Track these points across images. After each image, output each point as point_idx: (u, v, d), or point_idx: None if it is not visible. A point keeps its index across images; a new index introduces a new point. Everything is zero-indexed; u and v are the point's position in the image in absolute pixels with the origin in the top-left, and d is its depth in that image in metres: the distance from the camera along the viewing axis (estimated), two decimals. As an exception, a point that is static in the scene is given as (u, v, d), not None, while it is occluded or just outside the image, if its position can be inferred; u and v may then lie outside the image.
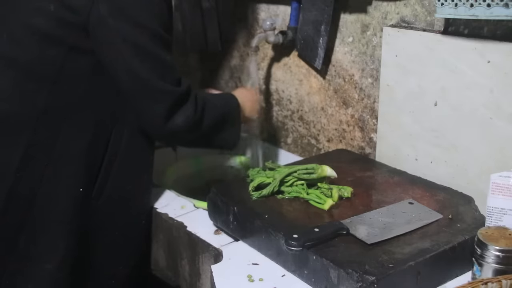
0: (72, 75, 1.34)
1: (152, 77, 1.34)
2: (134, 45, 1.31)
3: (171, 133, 1.39)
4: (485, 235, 1.10)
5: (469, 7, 1.21)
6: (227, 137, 1.53)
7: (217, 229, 1.40)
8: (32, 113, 1.34)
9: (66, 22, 1.31)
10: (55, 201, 1.37)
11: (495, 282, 0.98)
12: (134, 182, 1.47)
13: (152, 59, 1.34)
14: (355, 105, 1.68)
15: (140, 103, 1.38)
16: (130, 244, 1.51)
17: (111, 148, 1.41)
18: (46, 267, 1.38)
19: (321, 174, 1.34)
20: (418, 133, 1.48)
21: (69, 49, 1.32)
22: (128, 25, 1.30)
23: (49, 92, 1.33)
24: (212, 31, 1.99)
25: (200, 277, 1.40)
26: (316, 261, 1.11)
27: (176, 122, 1.37)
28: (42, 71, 1.33)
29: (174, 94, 1.37)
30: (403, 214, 1.25)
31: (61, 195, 1.37)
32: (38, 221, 1.37)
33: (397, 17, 1.51)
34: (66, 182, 1.37)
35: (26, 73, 1.34)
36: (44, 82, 1.33)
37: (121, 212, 1.46)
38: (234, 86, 2.09)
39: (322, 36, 1.65)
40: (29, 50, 1.34)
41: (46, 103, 1.34)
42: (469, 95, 1.35)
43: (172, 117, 1.37)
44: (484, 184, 1.25)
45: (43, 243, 1.38)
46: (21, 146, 1.34)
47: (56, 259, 1.38)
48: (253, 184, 1.34)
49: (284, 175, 1.34)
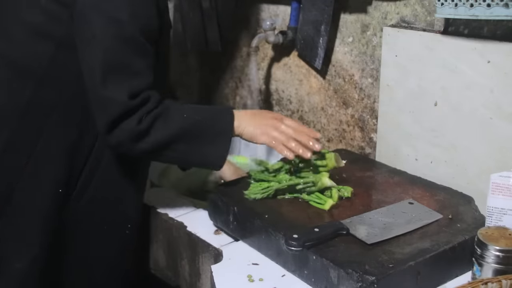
0: (60, 73, 1.31)
1: (109, 81, 1.23)
2: (102, 42, 1.23)
3: (114, 145, 1.29)
4: (485, 235, 1.10)
5: (469, 7, 1.21)
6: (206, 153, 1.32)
7: (217, 229, 1.39)
8: (15, 109, 1.31)
9: (55, 15, 1.28)
10: (32, 199, 1.33)
11: (495, 282, 0.98)
12: (118, 188, 1.41)
13: (115, 62, 1.24)
14: (355, 105, 1.68)
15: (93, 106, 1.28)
16: (109, 251, 1.45)
17: (96, 149, 1.35)
18: (16, 266, 1.34)
19: (321, 186, 1.33)
20: (418, 133, 1.48)
21: (59, 45, 1.29)
22: (102, 20, 1.23)
23: (35, 88, 1.30)
24: (212, 31, 1.99)
25: (200, 277, 1.40)
26: (316, 261, 1.11)
27: (116, 134, 1.25)
28: (30, 67, 1.31)
29: (122, 105, 1.23)
30: (403, 214, 1.25)
31: (39, 193, 1.33)
32: (12, 218, 1.33)
33: (397, 17, 1.51)
34: (46, 180, 1.33)
35: (14, 67, 1.32)
36: (31, 78, 1.30)
37: (103, 217, 1.41)
38: (234, 86, 2.10)
39: (322, 36, 1.65)
40: (19, 45, 1.31)
41: (31, 100, 1.31)
42: (469, 95, 1.35)
43: (114, 129, 1.25)
44: (484, 184, 1.25)
45: (15, 241, 1.34)
46: (2, 141, 1.31)
47: (27, 259, 1.34)
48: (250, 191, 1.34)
49: (282, 187, 1.33)
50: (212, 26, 1.98)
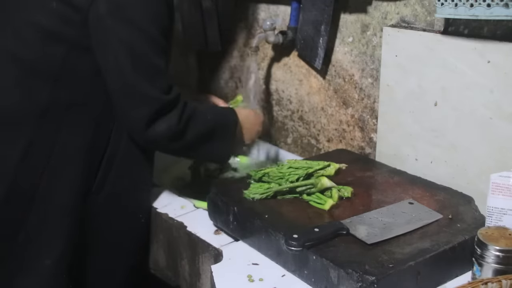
0: (74, 73, 1.34)
1: (141, 80, 1.32)
2: (129, 46, 1.30)
3: (151, 140, 1.37)
4: (485, 235, 1.10)
5: (469, 7, 1.21)
6: (216, 151, 1.48)
7: (217, 229, 1.40)
8: (33, 111, 1.34)
9: (67, 19, 1.31)
10: (55, 197, 1.37)
11: (495, 282, 0.98)
12: (133, 179, 1.48)
13: (144, 63, 1.32)
14: (355, 105, 1.68)
15: (124, 105, 1.36)
16: (128, 241, 1.52)
17: (111, 145, 1.41)
18: (46, 263, 1.38)
19: (321, 187, 1.33)
20: (418, 133, 1.48)
21: (71, 46, 1.32)
22: (125, 26, 1.30)
23: (51, 90, 1.34)
24: (212, 31, 1.99)
25: (200, 277, 1.40)
26: (316, 261, 1.11)
27: (157, 130, 1.34)
28: (44, 68, 1.34)
29: (160, 101, 1.34)
30: (403, 214, 1.25)
31: (61, 191, 1.37)
32: (37, 216, 1.37)
33: (397, 17, 1.51)
34: (67, 178, 1.37)
35: (29, 70, 1.35)
36: (46, 80, 1.34)
37: (120, 209, 1.47)
38: (234, 86, 2.10)
39: (322, 36, 1.65)
40: (32, 48, 1.34)
41: (48, 101, 1.34)
42: (469, 95, 1.35)
43: (154, 124, 1.34)
44: (484, 184, 1.25)
45: (42, 239, 1.38)
46: (22, 142, 1.34)
47: (56, 255, 1.38)
48: (250, 191, 1.34)
49: (282, 189, 1.34)
50: (212, 26, 1.98)
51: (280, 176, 1.36)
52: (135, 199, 1.50)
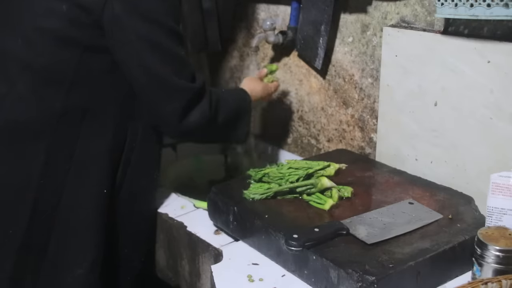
0: (88, 75, 1.33)
1: (169, 74, 1.32)
2: (149, 42, 1.30)
3: (187, 131, 1.38)
4: (485, 235, 1.10)
5: (469, 7, 1.21)
6: (239, 131, 1.52)
7: (217, 229, 1.40)
8: (50, 118, 1.32)
9: (79, 22, 1.29)
10: (79, 203, 1.36)
11: (495, 282, 0.98)
12: (147, 177, 1.48)
13: (167, 56, 1.33)
14: (355, 105, 1.68)
15: (154, 101, 1.36)
16: (143, 238, 1.52)
17: (128, 145, 1.40)
18: (78, 272, 1.36)
19: (321, 187, 1.33)
20: (418, 133, 1.48)
21: (84, 49, 1.31)
22: (143, 22, 1.29)
23: (66, 94, 1.32)
24: (212, 31, 1.99)
25: (200, 277, 1.40)
26: (316, 261, 1.11)
27: (191, 120, 1.36)
28: (58, 73, 1.32)
29: (190, 91, 1.35)
30: (403, 214, 1.25)
31: (84, 197, 1.36)
32: (65, 226, 1.35)
33: (397, 17, 1.51)
34: (89, 183, 1.36)
35: (42, 76, 1.32)
36: (61, 85, 1.32)
37: (136, 206, 1.47)
38: (234, 86, 2.09)
39: (322, 36, 1.65)
40: (44, 53, 1.32)
41: (64, 106, 1.32)
42: (469, 95, 1.35)
43: (188, 115, 1.35)
44: (484, 184, 1.25)
45: (72, 248, 1.36)
46: (41, 153, 1.32)
47: (87, 263, 1.36)
48: (250, 192, 1.34)
49: (282, 190, 1.34)
50: (212, 26, 1.98)
51: (280, 177, 1.37)
52: (147, 196, 1.50)
